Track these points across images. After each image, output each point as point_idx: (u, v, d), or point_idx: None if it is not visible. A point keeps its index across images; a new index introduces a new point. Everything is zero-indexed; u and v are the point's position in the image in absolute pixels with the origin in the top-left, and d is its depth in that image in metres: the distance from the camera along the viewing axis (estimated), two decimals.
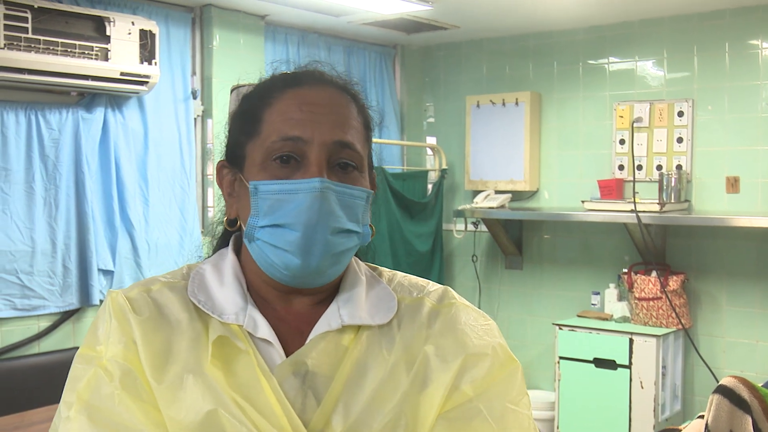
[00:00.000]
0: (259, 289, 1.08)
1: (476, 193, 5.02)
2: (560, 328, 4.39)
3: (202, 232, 4.21)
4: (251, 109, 1.08)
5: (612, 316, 4.46)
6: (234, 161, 1.10)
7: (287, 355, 1.02)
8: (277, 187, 1.01)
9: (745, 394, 1.71)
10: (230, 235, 1.14)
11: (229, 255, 1.11)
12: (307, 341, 1.03)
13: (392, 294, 1.11)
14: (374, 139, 1.17)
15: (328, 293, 1.09)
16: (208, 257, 1.15)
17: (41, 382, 3.49)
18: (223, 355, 0.99)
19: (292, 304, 1.07)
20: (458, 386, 1.01)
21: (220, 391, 0.96)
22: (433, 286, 1.14)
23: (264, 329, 1.03)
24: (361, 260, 1.17)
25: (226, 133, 1.14)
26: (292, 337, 1.04)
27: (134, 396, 0.96)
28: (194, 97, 4.15)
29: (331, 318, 1.05)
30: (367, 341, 1.03)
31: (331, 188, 1.01)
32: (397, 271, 1.18)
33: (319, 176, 1.00)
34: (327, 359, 1.01)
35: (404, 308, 1.09)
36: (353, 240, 1.05)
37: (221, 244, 1.17)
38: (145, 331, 1.00)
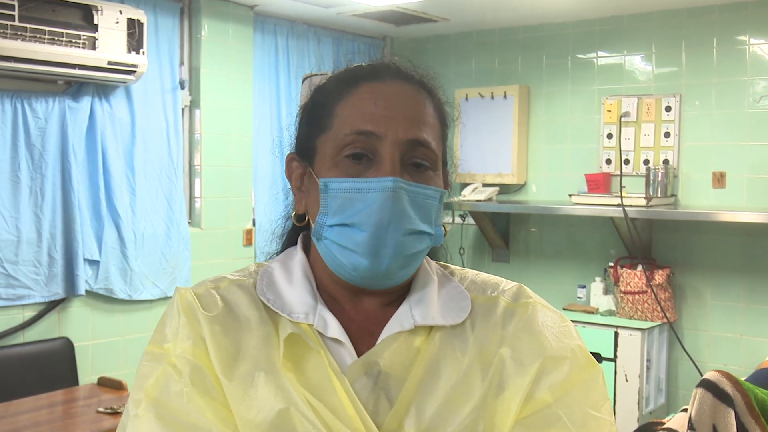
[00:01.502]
0: (329, 288, 1.05)
1: (464, 185, 5.02)
2: None
3: (189, 223, 4.20)
4: (323, 101, 1.05)
5: (597, 309, 4.48)
6: (304, 154, 1.06)
7: (358, 356, 0.99)
8: (348, 185, 0.98)
9: (728, 388, 1.72)
10: (299, 231, 1.11)
11: (297, 253, 1.08)
12: (379, 341, 1.00)
13: (465, 293, 1.07)
14: None
15: (399, 293, 1.05)
16: (277, 254, 1.12)
17: (26, 372, 3.48)
18: (294, 354, 0.97)
19: (362, 304, 1.04)
20: (536, 391, 0.97)
21: (292, 391, 0.93)
22: (507, 284, 1.10)
23: (335, 329, 1.00)
24: (432, 259, 1.13)
25: (296, 124, 1.10)
26: (362, 338, 1.01)
27: (203, 393, 0.94)
28: (182, 87, 4.13)
29: (403, 318, 1.01)
30: (440, 342, 1.00)
31: (404, 188, 0.97)
32: (469, 269, 1.15)
33: (391, 175, 0.96)
34: (399, 360, 0.98)
35: (478, 308, 1.05)
36: (425, 241, 1.01)
37: (290, 240, 1.14)
38: (214, 329, 0.98)
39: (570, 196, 4.49)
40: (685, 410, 1.89)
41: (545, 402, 0.97)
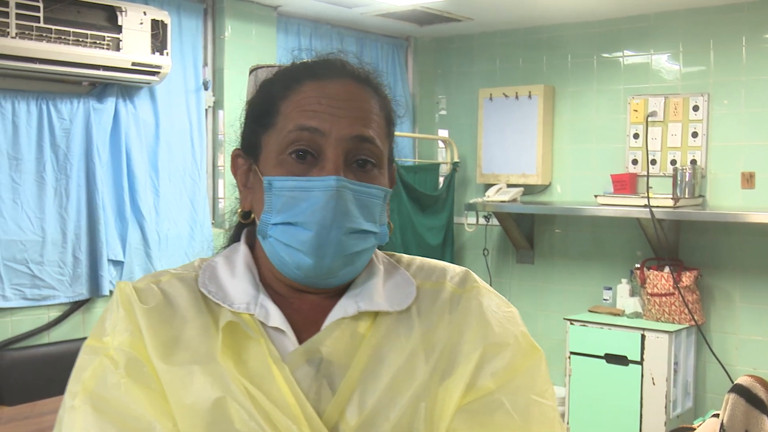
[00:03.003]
0: (272, 283, 1.05)
1: (488, 186, 4.99)
2: (571, 323, 4.36)
3: (212, 223, 4.20)
4: (268, 98, 1.05)
5: (624, 311, 4.43)
6: (249, 151, 1.07)
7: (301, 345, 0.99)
8: (292, 183, 0.98)
9: (761, 393, 1.69)
10: (244, 227, 1.11)
11: (241, 248, 1.08)
12: (322, 328, 1.00)
13: (411, 280, 1.06)
14: None
15: (345, 287, 1.05)
16: (222, 250, 1.13)
17: (51, 372, 3.49)
18: (234, 344, 0.97)
19: (306, 297, 1.04)
20: (478, 378, 0.97)
21: (229, 380, 0.93)
22: (454, 270, 1.10)
23: (276, 318, 1.00)
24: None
25: (242, 119, 1.10)
26: (306, 327, 1.01)
27: (141, 384, 0.94)
28: (206, 88, 4.13)
29: (347, 305, 1.01)
30: (384, 328, 1.00)
31: (347, 187, 0.97)
32: (417, 257, 1.14)
33: (335, 174, 0.97)
34: (342, 347, 0.98)
35: (424, 293, 1.05)
36: (369, 240, 1.01)
37: (235, 235, 1.14)
38: (151, 321, 0.98)
39: (596, 196, 4.45)
40: (716, 415, 1.85)
41: (488, 389, 0.97)
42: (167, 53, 3.69)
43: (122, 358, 0.95)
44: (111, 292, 3.72)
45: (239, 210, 1.09)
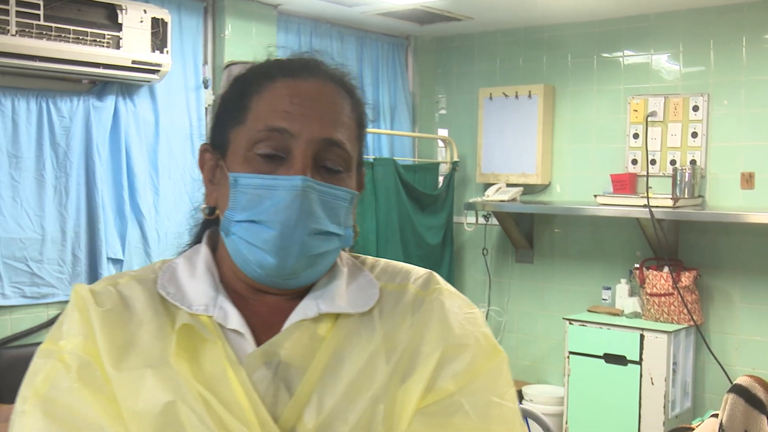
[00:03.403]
0: (233, 283, 1.03)
1: (487, 186, 4.99)
2: (570, 323, 4.36)
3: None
4: (239, 94, 1.03)
5: (623, 311, 4.43)
6: (217, 146, 1.05)
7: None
8: (258, 181, 0.97)
9: (760, 393, 1.69)
10: (208, 224, 1.10)
11: (202, 249, 1.07)
12: (282, 331, 0.98)
13: (374, 281, 1.05)
14: (385, 131, 1.13)
15: (306, 290, 1.03)
16: (183, 250, 1.11)
17: None
18: (190, 346, 0.95)
19: (267, 298, 1.03)
20: (438, 380, 0.96)
21: (182, 383, 0.91)
22: (418, 272, 1.08)
23: (235, 320, 0.98)
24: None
25: (213, 114, 1.09)
26: (265, 329, 0.99)
27: (92, 388, 0.92)
28: (206, 87, 4.13)
29: (307, 307, 1.00)
30: (345, 330, 0.98)
31: (313, 187, 0.96)
32: (383, 259, 1.12)
33: (302, 174, 0.96)
34: (301, 349, 0.96)
35: (387, 295, 1.03)
36: (333, 242, 1.00)
37: (198, 236, 1.13)
38: (105, 323, 0.96)
39: (595, 196, 4.45)
40: (715, 415, 1.85)
41: (447, 391, 0.96)
42: (167, 51, 3.69)
43: (75, 362, 0.94)
44: None
45: (203, 206, 1.08)
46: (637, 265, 4.40)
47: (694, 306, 4.21)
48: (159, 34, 3.66)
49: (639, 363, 4.11)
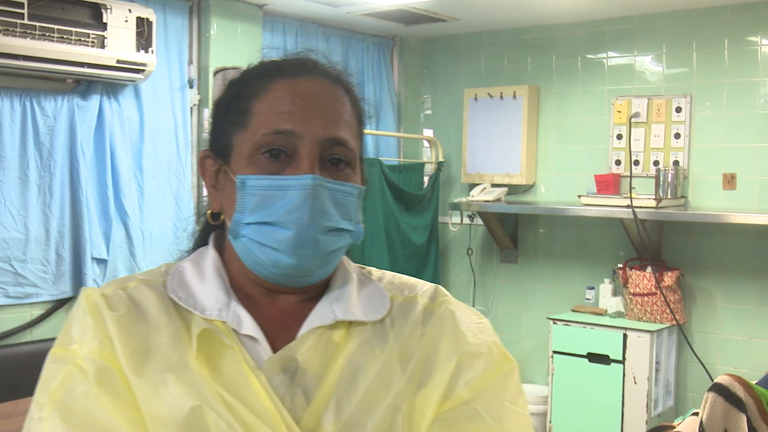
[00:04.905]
0: (243, 286, 1.04)
1: (472, 186, 5.01)
2: (554, 323, 4.39)
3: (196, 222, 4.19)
4: (239, 97, 1.03)
5: (606, 311, 4.46)
6: (219, 152, 1.05)
7: (274, 353, 0.98)
8: (267, 182, 0.97)
9: (740, 392, 1.71)
10: (211, 229, 1.10)
11: (210, 252, 1.06)
12: (298, 336, 0.99)
13: (384, 292, 1.07)
14: (371, 131, 1.14)
15: (317, 291, 1.05)
16: (187, 254, 1.11)
17: (34, 370, 3.45)
18: (207, 351, 0.95)
19: (278, 301, 1.03)
20: (454, 387, 0.98)
21: (205, 388, 0.91)
22: (424, 285, 1.10)
23: (249, 325, 0.98)
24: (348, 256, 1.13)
25: (210, 120, 1.09)
26: (278, 334, 1.00)
27: (111, 394, 0.91)
28: (191, 86, 4.12)
29: (323, 313, 1.01)
30: (359, 338, 1.00)
31: (323, 185, 0.97)
32: (387, 271, 1.14)
33: (311, 173, 0.96)
34: (317, 356, 0.97)
35: (397, 306, 1.05)
36: (345, 239, 1.01)
37: (201, 239, 1.12)
38: (121, 328, 0.95)
39: (579, 197, 4.47)
40: (696, 414, 1.87)
41: (463, 398, 0.98)
42: (152, 51, 3.68)
43: (91, 368, 0.93)
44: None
45: (208, 212, 1.07)
46: (620, 265, 4.43)
47: (677, 306, 4.24)
48: (144, 33, 3.65)
49: (622, 362, 4.14)
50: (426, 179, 5.19)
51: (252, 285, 1.03)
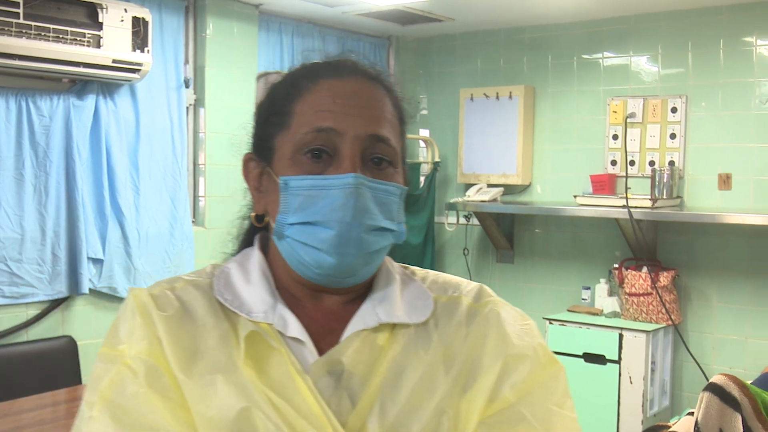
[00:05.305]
0: (289, 287, 1.04)
1: (468, 186, 5.01)
2: (550, 323, 4.39)
3: (193, 222, 4.19)
4: (281, 99, 1.03)
5: (602, 311, 4.46)
6: (262, 154, 1.05)
7: (319, 355, 0.98)
8: (309, 182, 0.97)
9: (735, 392, 1.71)
10: (255, 231, 1.10)
11: (255, 253, 1.07)
12: (342, 339, 0.98)
13: (427, 292, 1.06)
14: None
15: (360, 291, 1.04)
16: (232, 255, 1.11)
17: (29, 370, 3.47)
18: (255, 353, 0.95)
19: (323, 302, 1.03)
20: (500, 390, 0.97)
21: (253, 389, 0.92)
22: (468, 285, 1.09)
23: (295, 327, 0.98)
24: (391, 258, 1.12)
25: (253, 123, 1.09)
26: (323, 336, 1.00)
27: (160, 394, 0.92)
28: (187, 86, 4.12)
29: (366, 316, 1.00)
30: (403, 340, 0.99)
31: (365, 184, 0.96)
32: (430, 270, 1.13)
33: (353, 171, 0.96)
34: (363, 359, 0.97)
35: (440, 307, 1.04)
36: (387, 238, 1.01)
37: (246, 241, 1.12)
38: (170, 328, 0.96)
39: (575, 197, 4.48)
40: (691, 414, 1.87)
41: (509, 401, 0.97)
42: (148, 51, 3.68)
43: (141, 367, 0.93)
44: (90, 290, 3.70)
45: (252, 214, 1.07)
46: (616, 265, 4.44)
47: (672, 306, 4.25)
48: (140, 33, 3.64)
49: (618, 362, 4.15)
50: (422, 179, 5.19)
51: (296, 286, 1.03)
